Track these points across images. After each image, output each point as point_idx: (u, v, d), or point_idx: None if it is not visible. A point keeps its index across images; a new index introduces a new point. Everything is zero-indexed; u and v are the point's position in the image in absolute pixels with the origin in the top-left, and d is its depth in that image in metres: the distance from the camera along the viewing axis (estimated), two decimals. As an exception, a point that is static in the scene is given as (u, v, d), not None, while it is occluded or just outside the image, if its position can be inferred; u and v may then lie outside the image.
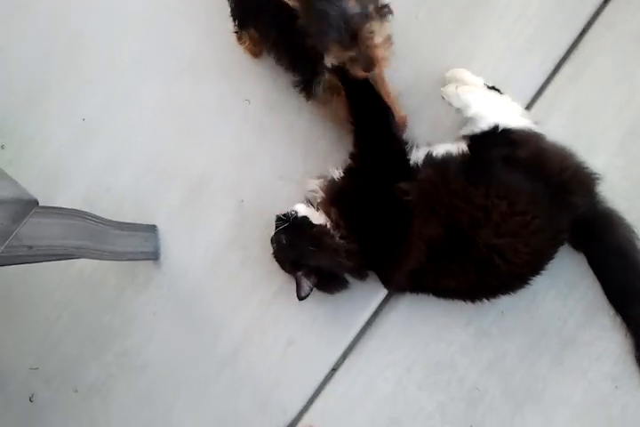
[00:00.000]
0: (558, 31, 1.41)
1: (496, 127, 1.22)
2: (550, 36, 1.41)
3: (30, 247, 1.09)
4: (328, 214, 1.31)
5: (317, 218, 1.31)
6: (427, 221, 1.20)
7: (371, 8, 1.09)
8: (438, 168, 1.24)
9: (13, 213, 0.97)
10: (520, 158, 1.20)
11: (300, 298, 1.30)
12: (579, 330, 1.30)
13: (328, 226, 1.29)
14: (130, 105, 1.61)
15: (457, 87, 1.30)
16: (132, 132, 1.60)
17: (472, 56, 1.43)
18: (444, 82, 1.39)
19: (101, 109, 1.63)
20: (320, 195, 1.34)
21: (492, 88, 1.35)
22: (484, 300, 1.26)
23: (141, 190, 1.58)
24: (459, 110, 1.30)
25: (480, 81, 1.36)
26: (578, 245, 1.28)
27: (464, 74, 1.38)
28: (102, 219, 1.36)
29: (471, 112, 1.27)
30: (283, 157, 1.51)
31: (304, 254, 1.28)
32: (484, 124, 1.24)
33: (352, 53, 1.10)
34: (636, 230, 1.26)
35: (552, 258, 1.23)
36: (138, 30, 1.63)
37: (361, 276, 1.32)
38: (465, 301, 1.27)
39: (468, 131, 1.28)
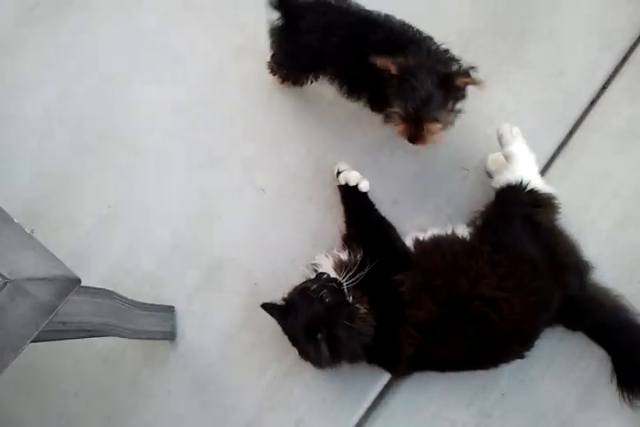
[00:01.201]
0: (547, 131, 1.56)
1: (526, 184, 1.34)
2: (541, 135, 1.55)
3: (64, 323, 1.18)
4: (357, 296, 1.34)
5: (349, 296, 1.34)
6: (418, 303, 1.29)
7: (450, 103, 1.26)
8: (430, 245, 1.35)
9: (59, 290, 1.06)
10: (539, 224, 1.32)
11: (322, 365, 1.32)
12: (576, 412, 1.36)
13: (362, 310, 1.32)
14: (152, 194, 1.74)
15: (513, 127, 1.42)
16: (153, 220, 1.72)
17: (470, 150, 1.56)
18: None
19: (126, 198, 1.75)
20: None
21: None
22: (485, 366, 1.34)
23: (160, 274, 1.67)
24: (502, 145, 1.42)
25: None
26: (575, 324, 1.35)
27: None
28: (127, 299, 1.45)
29: (509, 150, 1.39)
30: (294, 242, 1.62)
31: (335, 323, 1.29)
32: (516, 177, 1.35)
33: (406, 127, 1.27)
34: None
35: (543, 329, 1.32)
36: (163, 125, 1.78)
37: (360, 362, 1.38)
38: (466, 369, 1.35)
39: (501, 182, 1.39)
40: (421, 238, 1.39)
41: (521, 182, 1.35)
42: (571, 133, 1.57)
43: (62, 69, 1.88)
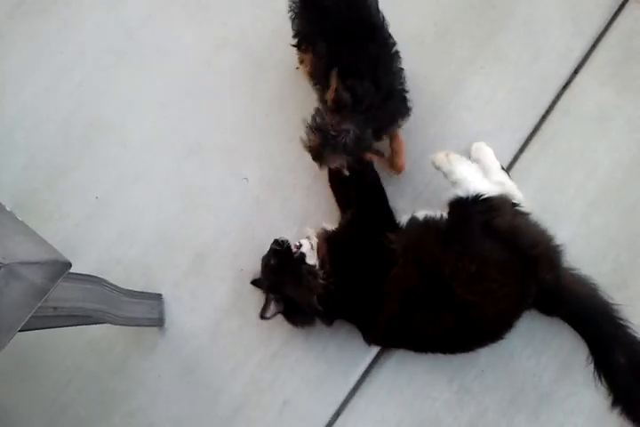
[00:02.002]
0: (522, 116, 1.60)
1: (477, 195, 1.35)
2: (515, 120, 1.60)
3: (55, 308, 1.21)
4: (320, 257, 1.45)
5: (311, 258, 1.45)
6: (405, 271, 1.34)
7: None
8: (420, 226, 1.39)
9: (51, 273, 1.09)
10: (497, 228, 1.33)
11: (262, 317, 1.45)
12: (553, 386, 1.40)
13: (316, 268, 1.43)
14: (139, 185, 1.77)
15: (447, 155, 1.44)
16: (140, 210, 1.75)
17: (446, 137, 1.60)
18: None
19: (113, 189, 1.78)
20: (315, 240, 1.48)
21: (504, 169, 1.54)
22: (460, 351, 1.38)
23: (148, 262, 1.71)
24: (445, 175, 1.42)
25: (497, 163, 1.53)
26: (550, 312, 1.40)
27: (487, 151, 1.55)
28: (116, 286, 1.48)
29: (455, 177, 1.40)
30: (279, 229, 1.65)
31: (283, 283, 1.43)
32: (465, 191, 1.36)
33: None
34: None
35: (520, 316, 1.35)
36: (149, 117, 1.81)
37: (326, 321, 1.44)
38: (441, 352, 1.38)
39: (450, 196, 1.40)
40: (417, 216, 1.42)
41: (469, 196, 1.36)
42: (544, 118, 1.61)
43: (48, 64, 1.90)
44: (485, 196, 1.35)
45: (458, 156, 1.43)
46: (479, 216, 1.34)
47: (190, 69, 1.83)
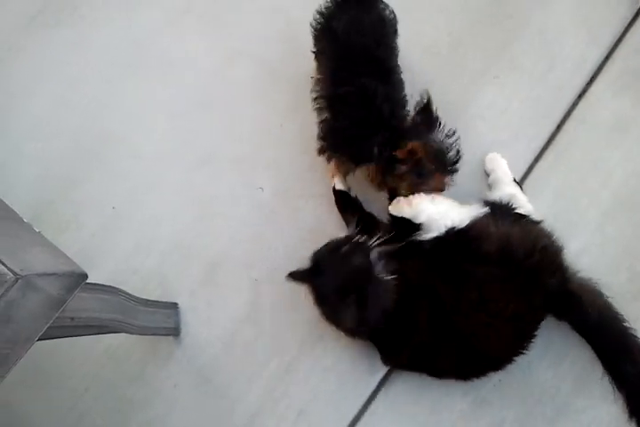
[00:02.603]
0: (536, 126, 1.60)
1: (450, 230, 1.32)
2: (530, 130, 1.60)
3: (72, 319, 1.23)
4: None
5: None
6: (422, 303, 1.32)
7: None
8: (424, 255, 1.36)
9: (68, 285, 1.11)
10: (487, 252, 1.30)
11: (347, 326, 1.40)
12: (570, 398, 1.39)
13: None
14: (153, 195, 1.78)
15: (399, 201, 1.38)
16: (156, 220, 1.76)
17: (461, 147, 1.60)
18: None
19: (128, 199, 1.79)
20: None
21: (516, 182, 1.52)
22: (477, 377, 1.38)
23: (164, 272, 1.72)
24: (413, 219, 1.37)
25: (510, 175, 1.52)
26: (560, 316, 1.39)
27: (501, 162, 1.54)
28: (132, 296, 1.50)
29: (422, 219, 1.36)
30: (292, 239, 1.66)
31: (362, 288, 1.31)
32: (438, 230, 1.33)
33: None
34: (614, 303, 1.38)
35: (534, 336, 1.35)
36: (161, 128, 1.83)
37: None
38: (456, 379, 1.39)
39: (428, 238, 1.35)
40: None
41: (444, 234, 1.34)
42: (559, 127, 1.61)
43: (59, 76, 1.93)
44: (459, 228, 1.32)
45: (420, 197, 1.37)
46: (463, 250, 1.32)
47: (202, 80, 1.85)
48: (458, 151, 1.33)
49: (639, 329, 1.36)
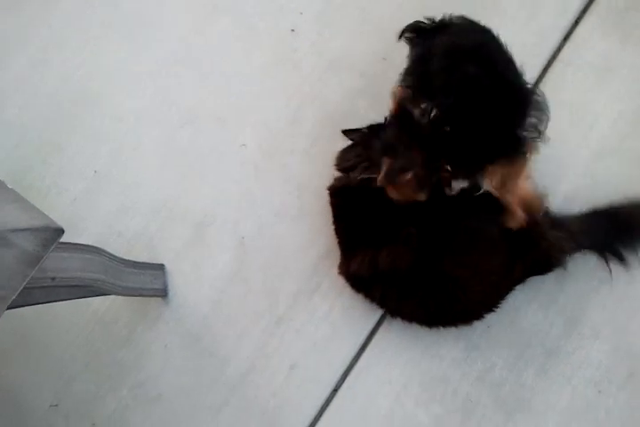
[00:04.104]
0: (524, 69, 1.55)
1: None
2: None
3: (53, 279, 1.20)
4: None
5: None
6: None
7: None
8: None
9: (43, 240, 1.07)
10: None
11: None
12: (560, 340, 1.39)
13: None
14: (136, 156, 1.75)
15: None
16: (138, 181, 1.73)
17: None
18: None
19: (111, 162, 1.76)
20: None
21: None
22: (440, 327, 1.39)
23: (149, 233, 1.69)
24: None
25: None
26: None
27: None
28: (115, 256, 1.48)
29: None
30: (278, 195, 1.64)
31: None
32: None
33: None
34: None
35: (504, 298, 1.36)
36: (140, 87, 1.79)
37: None
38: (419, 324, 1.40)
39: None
40: None
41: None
42: (545, 69, 1.57)
43: (36, 38, 1.87)
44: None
45: None
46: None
47: (182, 38, 1.80)
48: None
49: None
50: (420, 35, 1.33)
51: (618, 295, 1.40)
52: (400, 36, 1.34)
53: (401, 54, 1.43)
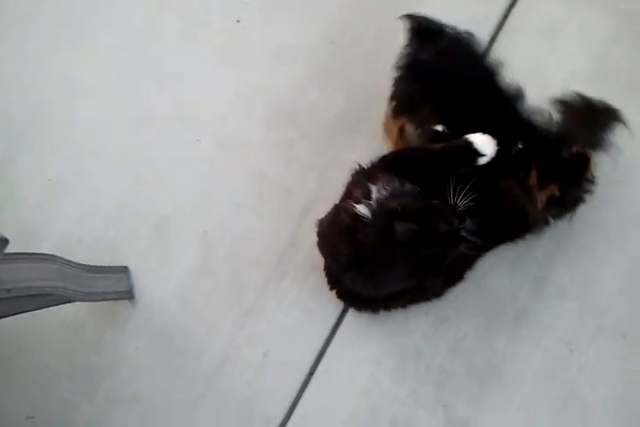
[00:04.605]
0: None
1: None
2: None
3: (9, 290, 1.19)
4: None
5: None
6: None
7: None
8: None
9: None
10: None
11: None
12: (528, 302, 1.39)
13: None
14: (90, 161, 1.72)
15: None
16: (96, 186, 1.71)
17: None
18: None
19: (66, 169, 1.73)
20: None
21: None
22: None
23: (110, 237, 1.67)
24: None
25: None
26: None
27: None
28: (73, 262, 1.45)
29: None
30: (237, 187, 1.62)
31: None
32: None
33: None
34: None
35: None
36: (92, 91, 1.77)
37: None
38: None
39: None
40: None
41: None
42: (493, 40, 1.58)
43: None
44: None
45: None
46: None
47: (128, 38, 1.79)
48: None
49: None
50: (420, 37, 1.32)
51: (581, 252, 1.40)
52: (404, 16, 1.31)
53: (348, 35, 1.45)
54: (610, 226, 1.39)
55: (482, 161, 1.16)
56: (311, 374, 1.47)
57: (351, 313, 1.48)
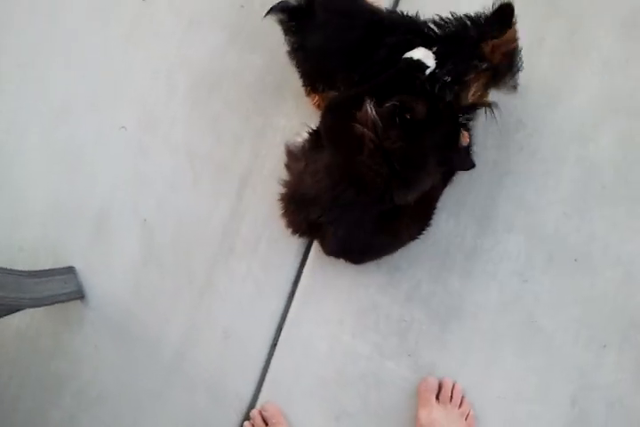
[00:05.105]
0: None
1: None
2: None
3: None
4: None
5: None
6: None
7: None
8: None
9: None
10: None
11: None
12: (477, 240, 1.37)
13: None
14: (15, 165, 1.67)
15: None
16: (25, 189, 1.66)
17: None
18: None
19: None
20: None
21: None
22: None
23: (51, 239, 1.63)
24: None
25: None
26: None
27: None
28: (10, 270, 1.42)
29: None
30: (169, 168, 1.58)
31: None
32: None
33: None
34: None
35: None
36: (7, 87, 1.71)
37: None
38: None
39: None
40: None
41: None
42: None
43: None
44: None
45: None
46: None
47: (36, 29, 1.72)
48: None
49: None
50: (293, 17, 1.25)
51: (521, 183, 1.37)
52: (266, 15, 1.25)
53: None
54: (545, 151, 1.37)
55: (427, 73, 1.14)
56: (274, 344, 1.45)
57: (305, 278, 1.45)
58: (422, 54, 1.15)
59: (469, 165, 1.36)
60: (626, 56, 1.34)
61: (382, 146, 1.10)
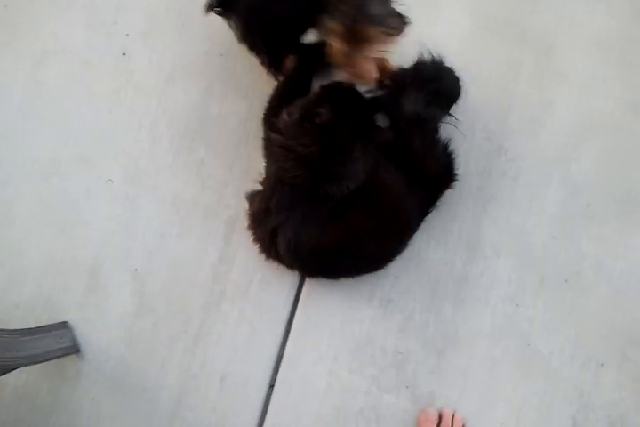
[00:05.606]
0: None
1: None
2: None
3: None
4: None
5: None
6: None
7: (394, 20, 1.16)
8: None
9: None
10: None
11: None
12: (466, 267, 1.37)
13: None
14: (7, 223, 1.68)
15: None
16: (18, 247, 1.66)
17: None
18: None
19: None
20: None
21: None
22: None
23: (45, 294, 1.62)
24: None
25: None
26: None
27: None
28: (5, 330, 1.41)
29: None
30: (157, 217, 1.59)
31: None
32: None
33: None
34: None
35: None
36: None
37: None
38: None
39: None
40: None
41: None
42: None
43: None
44: None
45: None
46: None
47: (21, 90, 1.74)
48: None
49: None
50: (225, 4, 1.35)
51: (506, 207, 1.39)
52: (207, 11, 1.35)
53: (234, 46, 1.44)
54: (528, 175, 1.39)
55: None
56: (272, 386, 1.43)
57: (298, 317, 1.45)
58: None
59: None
60: (602, 76, 1.37)
61: (296, 152, 1.21)
